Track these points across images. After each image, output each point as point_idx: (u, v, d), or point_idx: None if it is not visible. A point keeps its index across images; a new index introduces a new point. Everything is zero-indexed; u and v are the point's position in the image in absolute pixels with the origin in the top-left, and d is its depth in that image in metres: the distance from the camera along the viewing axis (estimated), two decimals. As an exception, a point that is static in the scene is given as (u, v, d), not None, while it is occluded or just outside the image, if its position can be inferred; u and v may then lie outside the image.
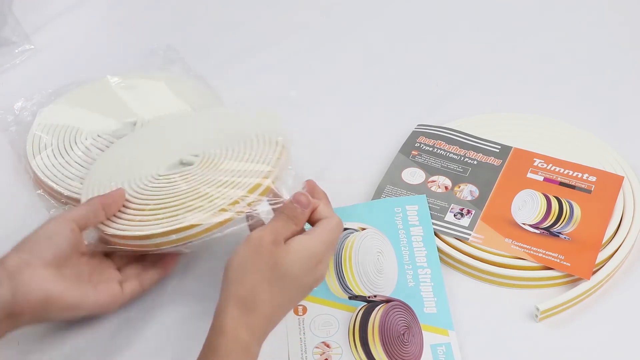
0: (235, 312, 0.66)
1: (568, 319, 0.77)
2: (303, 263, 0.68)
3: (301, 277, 0.68)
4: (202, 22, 1.19)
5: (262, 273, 0.67)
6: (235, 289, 0.66)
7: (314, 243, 0.69)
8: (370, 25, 1.17)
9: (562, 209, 0.85)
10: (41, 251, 0.72)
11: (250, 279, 0.66)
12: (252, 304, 0.66)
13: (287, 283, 0.68)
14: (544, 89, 1.04)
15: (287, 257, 0.67)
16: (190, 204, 0.75)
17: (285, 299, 0.68)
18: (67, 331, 0.79)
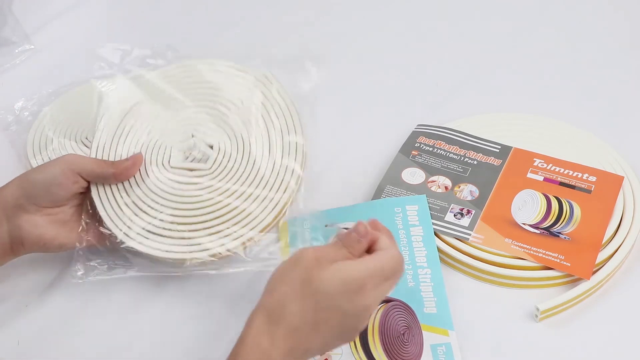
0: (260, 320, 0.63)
1: (568, 319, 0.77)
2: (338, 284, 0.63)
3: (336, 298, 0.63)
4: (202, 22, 1.19)
5: (294, 285, 0.63)
6: (265, 299, 0.64)
7: (357, 267, 0.64)
8: (370, 25, 1.17)
9: (562, 209, 0.85)
10: (38, 199, 0.77)
11: (280, 290, 0.64)
12: (278, 314, 0.63)
13: (321, 301, 0.63)
14: (544, 89, 1.04)
15: (323, 274, 0.63)
16: (208, 225, 0.77)
17: (319, 319, 0.63)
18: (67, 331, 0.79)
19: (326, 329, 0.64)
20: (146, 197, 0.79)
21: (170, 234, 0.78)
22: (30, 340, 0.79)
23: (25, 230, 0.77)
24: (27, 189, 0.77)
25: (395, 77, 1.08)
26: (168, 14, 1.21)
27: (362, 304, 0.64)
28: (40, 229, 0.78)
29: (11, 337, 0.79)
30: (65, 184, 0.77)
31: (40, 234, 0.78)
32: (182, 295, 0.81)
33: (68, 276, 0.83)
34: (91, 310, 0.81)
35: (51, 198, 0.77)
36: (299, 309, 0.63)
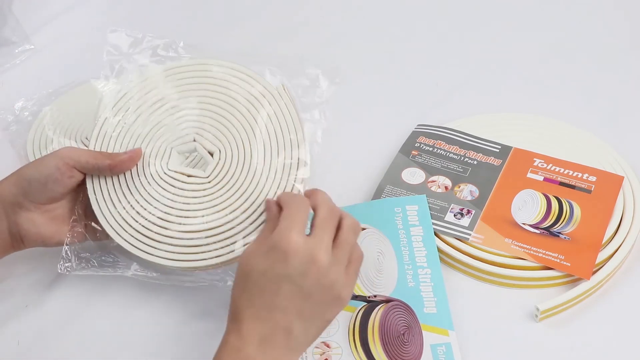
0: (226, 329, 0.67)
1: (568, 319, 0.77)
2: (260, 255, 0.66)
3: (267, 268, 0.65)
4: (202, 21, 1.19)
5: (238, 284, 0.67)
6: (229, 311, 0.68)
7: (270, 235, 0.67)
8: (370, 25, 1.17)
9: (562, 209, 0.85)
10: (35, 196, 0.77)
11: (232, 296, 0.68)
12: (235, 314, 0.66)
13: (259, 280, 0.66)
14: (544, 89, 1.04)
15: (250, 259, 0.67)
16: (206, 241, 0.76)
17: (270, 295, 0.65)
18: (67, 331, 0.79)
19: (286, 302, 0.65)
20: (141, 197, 0.78)
21: (161, 239, 0.77)
22: (30, 340, 0.79)
23: (24, 228, 0.77)
24: (24, 187, 0.76)
25: (395, 77, 1.08)
26: (168, 14, 1.21)
27: (298, 261, 0.65)
28: (39, 227, 0.78)
29: (11, 337, 0.79)
30: (61, 180, 0.77)
31: (39, 232, 0.78)
32: (181, 293, 0.81)
33: (68, 276, 0.83)
34: (91, 310, 0.81)
35: (48, 195, 0.77)
36: (246, 298, 0.66)
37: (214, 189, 0.78)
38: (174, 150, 0.80)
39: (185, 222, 0.77)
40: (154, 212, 0.77)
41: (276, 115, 0.80)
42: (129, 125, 0.81)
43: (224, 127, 0.81)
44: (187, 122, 0.82)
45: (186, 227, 0.77)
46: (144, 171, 0.79)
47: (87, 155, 0.78)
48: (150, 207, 0.78)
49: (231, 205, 0.77)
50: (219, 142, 0.80)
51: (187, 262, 0.76)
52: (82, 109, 0.98)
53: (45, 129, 0.95)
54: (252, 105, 0.81)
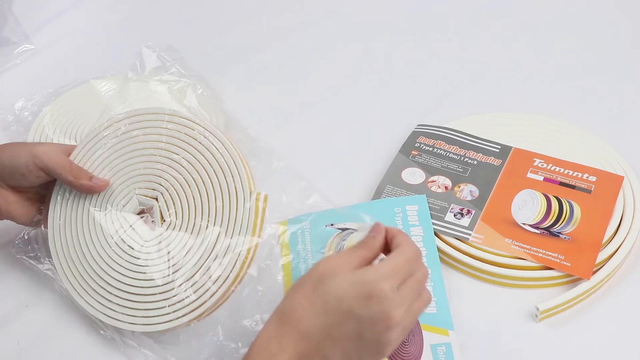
0: (271, 325, 0.63)
1: (568, 319, 0.77)
2: (348, 286, 0.61)
3: (345, 300, 0.61)
4: (202, 22, 1.19)
5: (306, 290, 0.63)
6: (280, 305, 0.64)
7: (369, 270, 0.62)
8: (371, 25, 1.17)
9: (562, 209, 0.85)
10: (6, 179, 0.79)
11: (293, 296, 0.63)
12: (287, 317, 0.62)
13: (330, 303, 0.61)
14: (544, 88, 1.04)
15: (334, 278, 0.62)
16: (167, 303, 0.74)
17: (330, 323, 0.62)
18: (67, 331, 0.79)
19: (341, 336, 0.62)
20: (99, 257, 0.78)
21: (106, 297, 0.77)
22: (30, 340, 0.79)
23: None
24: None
25: (395, 77, 1.08)
26: (168, 14, 1.21)
27: (377, 309, 0.61)
28: (9, 205, 0.80)
29: (11, 337, 0.79)
30: (27, 176, 0.79)
31: (9, 210, 0.80)
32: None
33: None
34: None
35: (16, 183, 0.80)
36: (309, 312, 0.62)
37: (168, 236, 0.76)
38: (133, 198, 0.79)
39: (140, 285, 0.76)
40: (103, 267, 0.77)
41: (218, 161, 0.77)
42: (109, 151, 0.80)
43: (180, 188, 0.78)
44: (153, 169, 0.79)
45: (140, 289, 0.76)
46: (100, 216, 0.79)
47: (56, 163, 0.78)
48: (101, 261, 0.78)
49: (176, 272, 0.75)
50: (155, 182, 0.78)
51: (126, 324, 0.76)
52: (82, 109, 0.98)
53: (45, 129, 0.95)
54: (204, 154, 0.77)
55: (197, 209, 0.76)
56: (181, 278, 0.74)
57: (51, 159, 0.78)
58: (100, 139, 0.80)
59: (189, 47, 1.10)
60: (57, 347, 0.78)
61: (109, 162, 0.80)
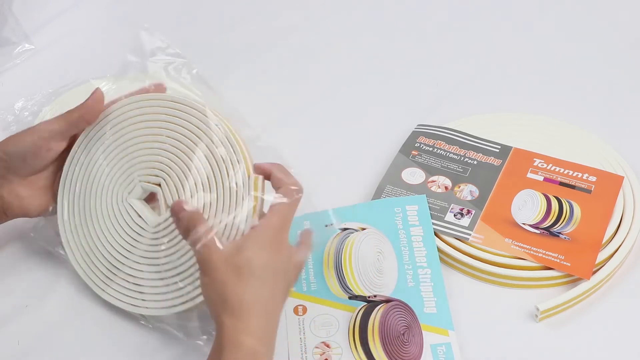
0: (228, 323, 0.65)
1: (568, 319, 0.77)
2: (260, 250, 0.67)
3: (268, 261, 0.67)
4: (202, 22, 1.19)
5: (231, 279, 0.66)
6: (220, 306, 0.66)
7: (269, 229, 0.68)
8: (371, 25, 1.17)
9: (562, 209, 0.85)
10: (17, 170, 0.78)
11: (226, 291, 0.66)
12: (239, 309, 0.65)
13: (259, 273, 0.66)
14: (544, 89, 1.04)
15: (243, 254, 0.67)
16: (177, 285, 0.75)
17: (267, 289, 0.67)
18: (67, 331, 0.79)
19: (281, 291, 0.68)
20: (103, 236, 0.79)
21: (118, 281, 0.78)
22: (30, 340, 0.79)
23: (7, 201, 0.78)
24: (6, 161, 0.77)
25: (395, 77, 1.08)
26: (168, 14, 1.21)
27: (286, 249, 0.69)
28: (23, 200, 0.79)
29: (11, 337, 0.79)
30: (39, 154, 0.77)
31: (22, 204, 0.79)
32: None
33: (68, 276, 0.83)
34: (91, 310, 0.81)
35: (29, 169, 0.78)
36: (252, 294, 0.66)
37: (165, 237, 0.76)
38: (137, 185, 0.78)
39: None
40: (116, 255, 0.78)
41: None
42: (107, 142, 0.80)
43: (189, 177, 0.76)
44: (156, 155, 0.78)
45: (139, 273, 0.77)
46: (107, 205, 0.79)
47: (59, 123, 0.78)
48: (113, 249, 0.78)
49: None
50: (159, 170, 0.77)
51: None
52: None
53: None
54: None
55: (200, 194, 0.74)
56: (189, 261, 0.74)
57: (54, 123, 0.78)
58: (102, 127, 0.80)
59: (189, 47, 1.10)
60: (57, 347, 0.78)
61: (112, 150, 0.79)
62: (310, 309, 0.79)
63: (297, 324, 0.78)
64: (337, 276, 0.81)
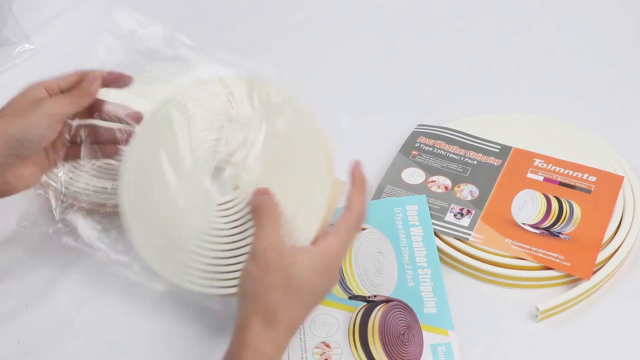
0: (257, 327, 0.66)
1: (568, 319, 0.77)
2: (319, 274, 0.68)
3: (317, 286, 0.68)
4: (202, 22, 1.19)
5: (278, 288, 0.66)
6: (255, 305, 0.66)
7: (327, 257, 0.68)
8: (371, 25, 1.17)
9: (562, 209, 0.85)
10: (23, 152, 0.77)
11: (268, 296, 0.66)
12: (273, 318, 0.66)
13: (304, 294, 0.67)
14: (544, 89, 1.04)
15: (299, 270, 0.67)
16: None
17: (303, 309, 0.68)
18: (67, 331, 0.79)
19: (309, 312, 0.69)
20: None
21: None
22: (30, 340, 0.79)
23: (13, 185, 0.78)
24: (17, 148, 0.76)
25: (395, 77, 1.08)
26: (168, 14, 1.21)
27: (332, 277, 0.70)
28: (26, 180, 0.79)
29: (11, 337, 0.79)
30: (51, 136, 0.78)
31: (25, 184, 0.79)
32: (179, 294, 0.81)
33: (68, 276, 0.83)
34: (91, 310, 0.81)
35: (37, 150, 0.78)
36: (288, 309, 0.67)
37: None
38: (202, 174, 0.76)
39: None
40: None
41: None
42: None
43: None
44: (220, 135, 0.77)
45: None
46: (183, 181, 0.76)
47: (67, 104, 0.79)
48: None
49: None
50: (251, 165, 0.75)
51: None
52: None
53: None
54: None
55: (271, 183, 0.73)
56: (246, 247, 0.73)
57: (62, 105, 0.78)
58: (186, 99, 0.79)
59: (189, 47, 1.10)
60: (57, 347, 0.78)
61: (192, 121, 0.77)
62: (310, 309, 0.79)
63: (297, 324, 0.78)
64: (337, 276, 0.81)
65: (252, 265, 0.67)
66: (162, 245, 0.76)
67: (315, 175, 0.73)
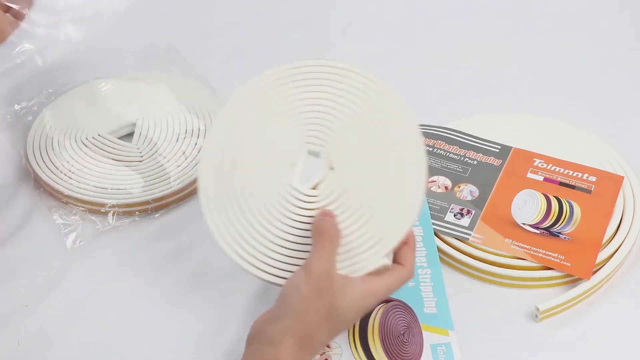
0: (293, 347, 0.66)
1: (568, 319, 0.77)
2: (356, 311, 0.68)
3: (351, 320, 0.69)
4: (202, 22, 1.19)
5: (322, 314, 0.67)
6: (297, 324, 0.66)
7: (371, 298, 0.69)
8: (370, 25, 1.17)
9: (562, 209, 0.85)
10: None
11: (311, 318, 0.66)
12: (309, 342, 0.67)
13: (340, 325, 0.69)
14: (544, 89, 1.04)
15: (344, 302, 0.67)
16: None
17: (331, 338, 0.69)
18: (67, 331, 0.79)
19: (336, 336, 0.70)
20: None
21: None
22: (30, 340, 0.79)
23: None
24: None
25: (395, 77, 1.07)
26: (168, 14, 1.21)
27: (363, 315, 0.70)
28: None
29: (11, 337, 0.79)
30: None
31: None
32: (181, 296, 0.81)
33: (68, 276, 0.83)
34: (91, 310, 0.81)
35: None
36: (324, 336, 0.68)
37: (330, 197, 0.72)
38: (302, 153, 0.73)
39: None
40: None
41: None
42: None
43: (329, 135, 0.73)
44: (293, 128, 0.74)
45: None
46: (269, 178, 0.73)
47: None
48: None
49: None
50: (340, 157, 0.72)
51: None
52: (82, 109, 0.98)
53: (45, 128, 0.95)
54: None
55: (359, 186, 0.70)
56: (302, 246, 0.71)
57: None
58: (267, 84, 0.75)
59: (189, 47, 1.10)
60: (57, 347, 0.78)
61: (276, 108, 0.74)
62: (310, 309, 0.79)
63: (297, 324, 0.78)
64: (337, 276, 0.81)
65: (304, 283, 0.66)
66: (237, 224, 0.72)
67: (403, 203, 0.69)
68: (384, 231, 0.69)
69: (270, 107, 0.75)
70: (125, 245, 0.86)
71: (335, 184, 0.71)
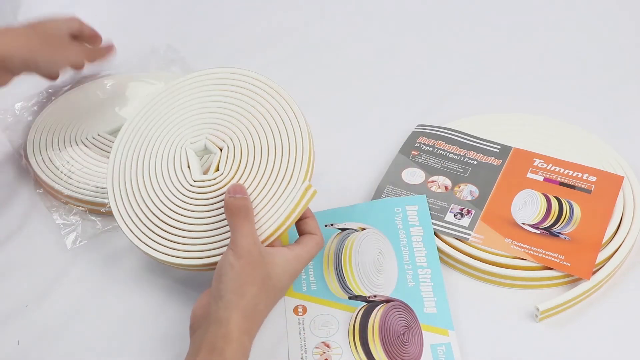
0: (240, 320, 0.68)
1: (568, 319, 0.77)
2: (290, 276, 0.73)
3: (285, 286, 0.73)
4: (202, 22, 1.19)
5: (259, 284, 0.70)
6: (238, 298, 0.69)
7: (299, 262, 0.74)
8: (371, 25, 1.17)
9: (562, 209, 0.85)
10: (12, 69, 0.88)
11: (250, 290, 0.69)
12: (253, 313, 0.69)
13: (276, 293, 0.72)
14: (544, 89, 1.04)
15: (277, 269, 0.72)
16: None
17: (271, 306, 0.73)
18: (67, 330, 0.79)
19: (273, 304, 0.74)
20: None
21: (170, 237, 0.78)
22: (30, 340, 0.79)
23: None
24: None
25: (395, 77, 1.08)
26: (168, 14, 1.21)
27: (294, 279, 0.75)
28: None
29: (11, 337, 0.79)
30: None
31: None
32: (181, 296, 0.81)
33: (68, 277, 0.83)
34: (91, 310, 0.81)
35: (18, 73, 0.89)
36: (265, 305, 0.71)
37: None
38: (188, 150, 0.81)
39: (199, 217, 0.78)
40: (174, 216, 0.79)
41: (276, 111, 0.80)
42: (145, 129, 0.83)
43: (230, 123, 0.81)
44: (195, 118, 0.82)
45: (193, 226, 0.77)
46: (168, 180, 0.80)
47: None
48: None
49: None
50: (227, 137, 0.80)
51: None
52: (82, 109, 0.98)
53: (45, 129, 0.96)
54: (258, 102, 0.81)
55: (249, 176, 0.77)
56: (216, 224, 0.76)
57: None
58: (184, 86, 0.83)
59: (189, 47, 1.10)
60: (57, 347, 0.78)
61: (189, 105, 0.82)
62: (310, 309, 0.79)
63: (297, 324, 0.78)
64: (337, 276, 0.81)
65: (235, 260, 0.70)
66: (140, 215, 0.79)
67: (292, 177, 0.76)
68: (270, 208, 0.75)
69: (167, 110, 0.83)
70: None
71: (231, 158, 0.78)
